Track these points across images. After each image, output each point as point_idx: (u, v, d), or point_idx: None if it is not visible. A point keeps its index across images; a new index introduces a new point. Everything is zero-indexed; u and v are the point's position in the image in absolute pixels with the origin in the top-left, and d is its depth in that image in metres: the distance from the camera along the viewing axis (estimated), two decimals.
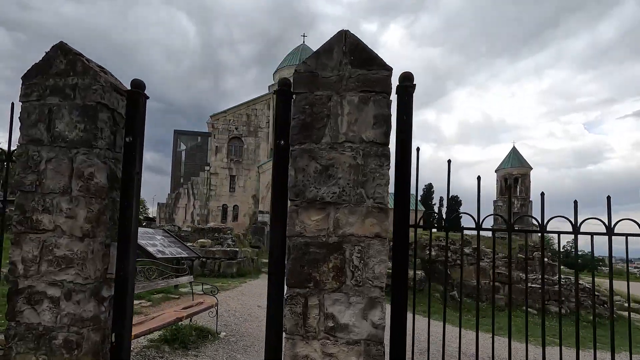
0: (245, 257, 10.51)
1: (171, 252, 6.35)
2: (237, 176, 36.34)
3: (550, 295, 10.36)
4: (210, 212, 35.91)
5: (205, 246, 9.94)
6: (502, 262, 11.36)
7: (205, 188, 36.33)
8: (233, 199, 36.34)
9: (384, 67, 2.05)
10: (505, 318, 8.19)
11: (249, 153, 36.48)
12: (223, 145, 36.10)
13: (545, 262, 14.12)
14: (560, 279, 2.96)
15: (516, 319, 9.20)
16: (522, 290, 10.42)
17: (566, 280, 10.82)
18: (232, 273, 9.65)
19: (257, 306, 6.20)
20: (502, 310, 9.94)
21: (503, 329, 7.38)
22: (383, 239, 2.04)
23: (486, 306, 10.04)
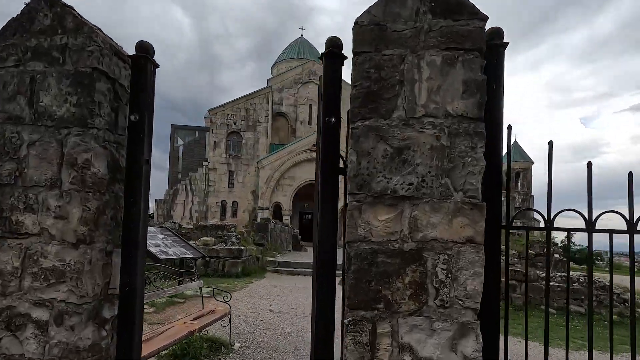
0: (250, 256, 10.02)
1: (175, 252, 5.86)
2: (236, 172, 35.77)
3: (570, 295, 9.95)
4: (209, 208, 35.39)
5: (209, 244, 9.44)
6: (518, 259, 10.94)
7: (203, 184, 35.75)
8: (232, 195, 35.82)
9: (476, 16, 1.54)
10: (522, 317, 7.71)
11: (248, 148, 35.90)
12: (221, 140, 35.48)
13: (556, 257, 13.69)
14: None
15: (534, 319, 8.81)
16: (539, 289, 10.02)
17: (578, 277, 10.42)
18: (237, 273, 9.17)
19: (269, 310, 5.72)
20: (520, 309, 9.53)
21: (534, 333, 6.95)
22: (478, 245, 1.55)
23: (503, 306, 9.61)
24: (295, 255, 14.98)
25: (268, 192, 33.77)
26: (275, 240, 15.16)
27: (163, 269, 4.96)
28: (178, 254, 5.92)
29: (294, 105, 40.44)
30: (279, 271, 11.03)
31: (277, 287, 8.23)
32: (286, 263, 11.62)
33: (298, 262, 11.68)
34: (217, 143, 35.55)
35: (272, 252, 13.57)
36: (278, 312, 5.67)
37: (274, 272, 11.01)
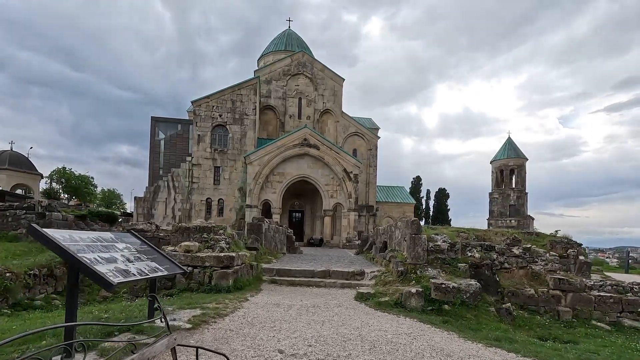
0: (243, 264, 8.15)
1: (140, 269, 3.98)
2: (221, 167, 33.58)
3: (623, 306, 8.45)
4: (193, 206, 33.12)
5: (192, 251, 7.52)
6: (552, 264, 9.40)
7: (187, 180, 33.44)
8: (218, 192, 33.63)
9: None
10: (575, 336, 5.98)
11: (235, 142, 33.75)
12: (206, 134, 33.22)
13: (581, 260, 12.15)
14: None
15: (588, 339, 7.23)
16: (587, 301, 8.49)
17: (632, 286, 8.93)
18: (228, 286, 7.29)
19: (278, 351, 3.90)
20: (570, 326, 7.98)
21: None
22: None
23: (549, 321, 8.05)
24: (292, 260, 13.14)
25: (256, 189, 31.71)
26: (269, 242, 13.29)
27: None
28: (145, 272, 4.03)
29: (283, 98, 38.39)
30: (277, 281, 9.20)
31: (280, 307, 6.39)
32: (285, 271, 9.79)
33: (299, 270, 9.86)
34: (202, 137, 33.25)
35: (267, 257, 11.72)
36: (292, 356, 3.86)
37: (271, 282, 9.17)
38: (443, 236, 8.77)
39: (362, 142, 40.05)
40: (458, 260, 8.36)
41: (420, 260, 8.12)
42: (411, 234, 8.37)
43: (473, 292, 7.21)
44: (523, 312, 8.26)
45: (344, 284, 9.02)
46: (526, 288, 8.68)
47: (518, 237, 10.40)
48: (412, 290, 7.02)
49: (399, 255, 8.99)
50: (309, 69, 38.85)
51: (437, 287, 7.09)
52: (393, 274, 8.39)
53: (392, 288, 7.63)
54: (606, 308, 8.41)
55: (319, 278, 9.43)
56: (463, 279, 7.71)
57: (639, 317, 8.38)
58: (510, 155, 45.62)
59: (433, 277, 7.69)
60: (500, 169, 45.86)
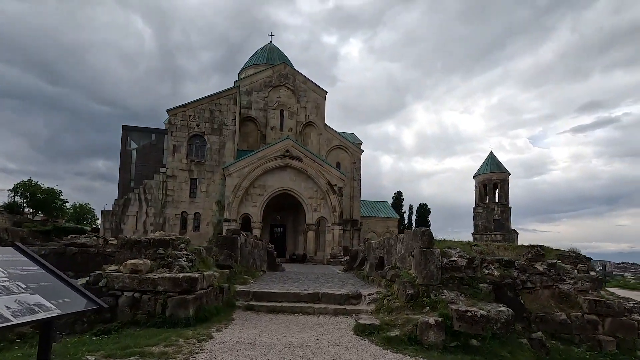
0: (211, 287, 6.36)
1: (17, 308, 2.24)
2: (198, 179, 31.44)
3: None
4: (167, 220, 30.67)
5: (140, 271, 5.70)
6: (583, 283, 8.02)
7: (160, 193, 31.07)
8: (194, 206, 31.35)
9: None
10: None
11: (213, 153, 31.80)
12: (182, 144, 31.16)
13: (593, 276, 10.84)
14: None
15: None
16: (630, 327, 7.09)
17: None
18: (187, 317, 5.50)
19: None
20: (614, 359, 6.53)
21: None
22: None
23: (589, 354, 6.57)
24: (273, 279, 11.32)
25: (235, 202, 29.68)
26: (246, 259, 11.45)
27: None
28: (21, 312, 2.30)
29: (264, 110, 36.94)
30: (254, 308, 7.41)
31: (255, 350, 4.65)
32: (265, 294, 8.01)
33: (282, 293, 8.10)
34: (177, 147, 31.14)
35: (243, 276, 9.89)
36: None
37: (246, 309, 7.37)
38: (458, 250, 7.28)
39: (346, 155, 38.84)
40: (478, 280, 6.84)
41: (433, 280, 6.55)
42: (421, 248, 6.82)
43: (505, 321, 5.67)
44: (556, 342, 6.77)
45: (338, 310, 7.32)
46: (556, 312, 7.22)
47: (542, 250, 9.02)
48: (430, 321, 5.41)
49: (405, 273, 7.40)
50: (290, 81, 37.74)
51: (461, 315, 5.52)
52: (400, 297, 6.77)
53: (401, 317, 5.99)
54: None
55: (307, 303, 7.71)
56: (488, 304, 6.18)
57: None
58: (493, 169, 45.45)
59: (452, 301, 6.13)
60: (484, 184, 45.53)
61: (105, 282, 5.53)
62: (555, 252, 12.55)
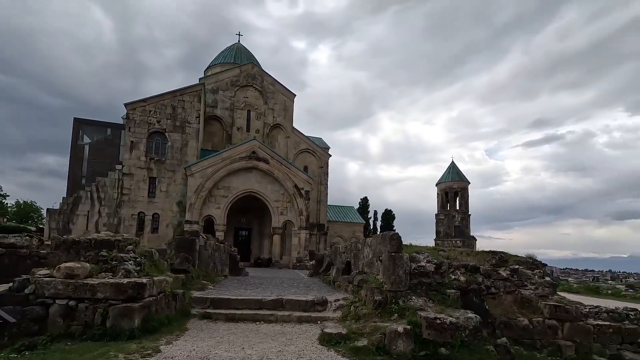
0: (162, 294, 5.74)
1: None
2: (158, 178, 29.82)
3: (623, 337, 7.33)
4: (122, 221, 28.73)
5: (77, 276, 4.99)
6: (543, 288, 8.17)
7: (115, 192, 29.10)
8: (153, 206, 29.66)
9: None
10: None
11: (174, 151, 30.32)
12: (141, 141, 29.43)
13: (548, 281, 11.22)
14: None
15: None
16: (586, 331, 7.25)
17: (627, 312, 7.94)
18: (132, 328, 4.87)
19: None
20: None
21: None
22: None
23: (547, 359, 6.62)
24: (235, 285, 10.70)
25: (198, 203, 28.40)
26: (206, 263, 10.73)
27: None
28: None
29: (230, 110, 35.89)
30: (211, 316, 6.83)
31: None
32: (224, 301, 7.44)
33: (243, 300, 7.57)
34: (135, 144, 29.37)
35: (202, 281, 9.22)
36: None
37: (203, 317, 6.78)
38: (426, 255, 7.12)
39: (314, 159, 38.58)
40: (446, 286, 6.71)
41: (402, 286, 6.32)
42: (390, 253, 6.59)
43: (473, 327, 5.54)
44: (519, 348, 6.77)
45: (303, 317, 6.91)
46: (519, 317, 7.26)
47: (505, 256, 9.13)
48: (399, 329, 5.15)
49: (372, 279, 7.14)
50: (258, 82, 37.03)
51: (430, 323, 5.31)
52: (367, 304, 6.48)
53: (369, 325, 5.69)
54: (606, 339, 7.26)
55: (269, 310, 7.22)
56: (456, 310, 6.04)
57: (639, 349, 7.33)
58: (454, 178, 47.07)
59: (420, 308, 5.92)
60: (445, 191, 47.02)
61: (33, 288, 4.77)
62: (514, 258, 12.89)
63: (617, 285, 64.85)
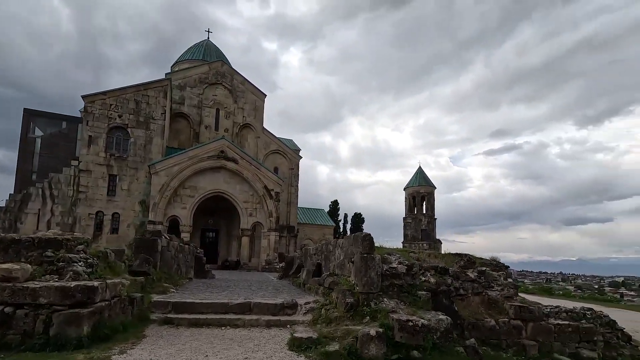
0: (117, 298, 5.26)
1: None
2: (119, 176, 28.25)
3: (581, 335, 7.61)
4: (77, 220, 26.89)
5: (15, 278, 4.43)
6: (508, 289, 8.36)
7: (70, 189, 27.22)
8: (113, 205, 28.03)
9: None
10: None
11: (137, 148, 28.86)
12: (100, 136, 27.75)
13: (510, 282, 11.61)
14: None
15: None
16: (547, 331, 7.46)
17: (584, 312, 8.28)
18: (80, 337, 4.39)
19: None
20: None
21: None
22: None
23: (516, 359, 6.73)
24: (200, 288, 10.19)
25: (162, 203, 27.16)
26: (169, 265, 10.13)
27: None
28: None
29: (198, 107, 34.78)
30: (173, 321, 6.38)
31: None
32: (187, 305, 7.00)
33: (207, 303, 7.16)
34: (94, 139, 27.65)
35: (164, 284, 8.67)
36: None
37: (163, 323, 6.32)
38: (398, 257, 7.06)
39: (284, 160, 38.12)
40: (417, 287, 6.66)
41: (374, 287, 6.20)
42: (362, 254, 6.45)
43: (444, 329, 5.50)
44: (487, 349, 6.84)
45: (271, 321, 6.61)
46: (486, 318, 7.35)
47: (472, 258, 9.27)
48: (371, 333, 5.00)
49: (344, 281, 6.97)
50: (228, 80, 36.16)
51: (403, 325, 5.20)
52: (338, 306, 6.29)
53: (340, 328, 5.50)
54: (565, 338, 7.50)
55: (236, 314, 6.86)
56: (427, 312, 5.99)
57: (594, 347, 7.65)
58: (421, 183, 48.29)
59: (392, 310, 5.81)
60: (413, 196, 48.11)
61: None
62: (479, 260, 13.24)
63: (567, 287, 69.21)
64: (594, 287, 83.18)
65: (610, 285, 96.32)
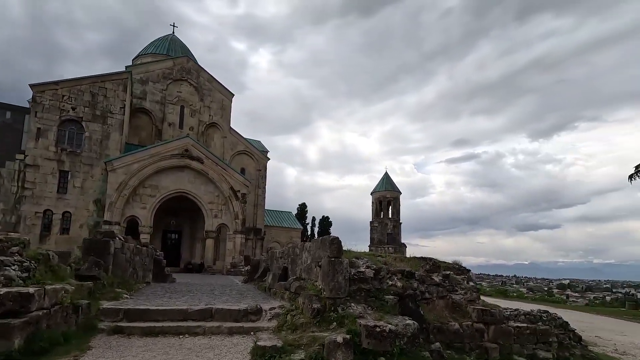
0: (58, 306, 4.72)
1: None
2: (71, 172, 26.34)
3: (537, 337, 7.88)
4: (22, 219, 24.71)
5: None
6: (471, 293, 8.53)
7: (14, 185, 25.00)
8: (63, 203, 26.05)
9: None
10: None
11: (93, 144, 27.07)
12: (50, 129, 25.75)
13: (472, 286, 11.96)
14: None
15: None
16: (508, 333, 7.66)
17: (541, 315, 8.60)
18: (11, 351, 3.88)
19: None
20: None
21: None
22: None
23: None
24: (158, 293, 9.57)
25: (120, 202, 25.61)
26: (123, 269, 9.42)
27: None
28: None
29: (162, 103, 33.31)
30: (124, 330, 5.87)
31: None
32: (141, 313, 6.48)
33: (164, 310, 6.68)
34: (43, 131, 25.60)
35: (116, 290, 8.03)
36: None
37: (113, 332, 5.80)
38: (365, 260, 6.96)
39: (251, 161, 37.37)
40: (384, 292, 6.58)
41: (341, 292, 6.04)
42: (329, 258, 6.27)
43: (411, 334, 5.43)
44: (451, 352, 6.88)
45: (234, 328, 6.25)
46: (451, 322, 7.42)
47: (438, 262, 9.38)
48: (338, 340, 4.82)
49: (311, 285, 6.76)
50: (194, 77, 34.98)
51: (370, 331, 5.07)
52: (305, 312, 6.06)
53: (306, 335, 5.28)
54: (524, 340, 7.74)
55: (196, 321, 6.44)
56: (395, 317, 5.92)
57: (550, 348, 7.95)
58: (387, 188, 49.24)
59: (360, 315, 5.68)
60: (379, 200, 48.91)
61: None
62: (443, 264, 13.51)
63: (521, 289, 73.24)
64: (544, 289, 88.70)
65: (558, 287, 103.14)
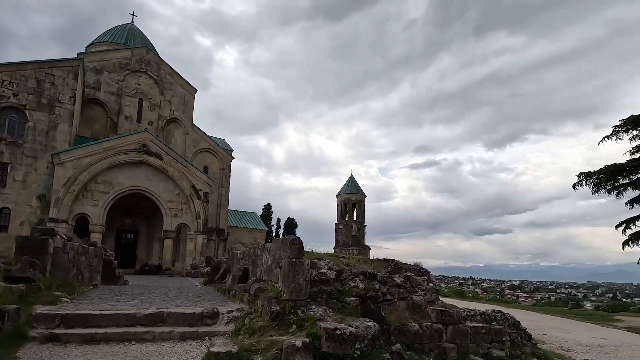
0: None
1: None
2: (11, 164, 24.17)
3: (492, 336, 8.12)
4: None
5: None
6: (431, 294, 8.66)
7: None
8: (2, 199, 23.81)
9: None
10: None
11: (37, 134, 25.01)
12: None
13: (432, 287, 12.25)
14: None
15: None
16: (464, 333, 7.82)
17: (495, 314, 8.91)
18: None
19: None
20: None
21: None
22: None
23: None
24: (105, 296, 8.87)
25: (68, 198, 23.79)
26: (65, 270, 8.62)
27: None
28: None
29: (118, 95, 31.49)
30: (60, 337, 5.32)
31: None
32: (82, 318, 5.92)
33: (109, 315, 6.15)
34: None
35: (54, 293, 7.32)
36: None
37: (47, 340, 5.24)
38: (327, 262, 6.83)
39: (215, 160, 36.29)
40: (346, 293, 6.48)
41: (302, 294, 5.85)
42: (290, 258, 6.07)
43: (372, 337, 5.35)
44: (411, 353, 6.89)
45: (187, 333, 5.86)
46: (411, 323, 7.45)
47: (400, 264, 9.44)
48: (297, 343, 4.63)
49: (271, 287, 6.51)
50: (154, 69, 33.44)
51: (330, 334, 4.93)
52: (264, 315, 5.81)
53: (264, 339, 5.03)
54: (479, 339, 7.94)
55: (145, 327, 5.97)
56: (356, 319, 5.82)
57: (503, 347, 8.23)
58: (352, 190, 49.80)
59: (320, 318, 5.52)
60: (344, 202, 49.33)
61: None
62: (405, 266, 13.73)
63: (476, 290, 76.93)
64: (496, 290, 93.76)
65: (509, 288, 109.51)
